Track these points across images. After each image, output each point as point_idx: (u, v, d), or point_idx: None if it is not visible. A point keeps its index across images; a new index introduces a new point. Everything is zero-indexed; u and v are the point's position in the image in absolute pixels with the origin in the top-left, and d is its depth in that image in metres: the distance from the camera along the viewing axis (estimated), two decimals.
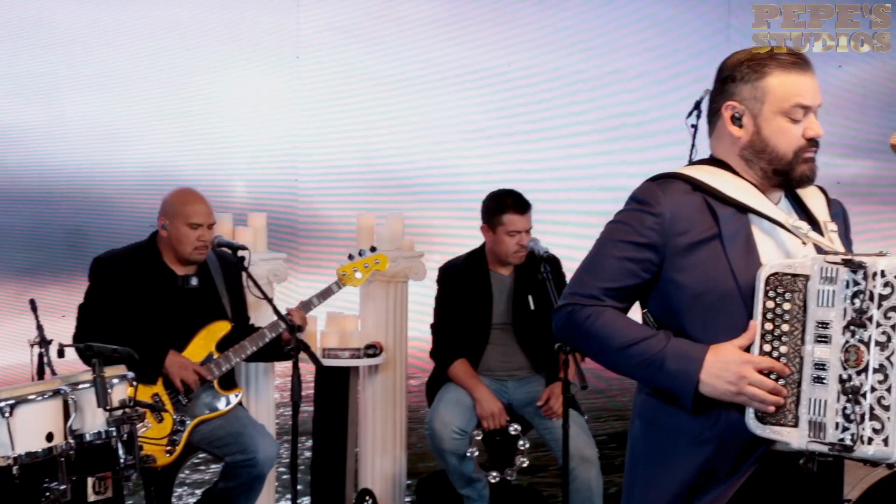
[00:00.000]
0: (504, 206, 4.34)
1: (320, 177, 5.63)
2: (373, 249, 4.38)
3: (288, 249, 5.38)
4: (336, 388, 4.65)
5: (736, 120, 2.18)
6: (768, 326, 2.02)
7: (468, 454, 4.29)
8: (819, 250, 2.12)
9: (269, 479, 4.36)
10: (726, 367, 2.03)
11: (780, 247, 2.14)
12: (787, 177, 2.17)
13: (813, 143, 2.15)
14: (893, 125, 4.97)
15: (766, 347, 2.02)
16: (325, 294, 4.26)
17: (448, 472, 4.35)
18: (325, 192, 5.62)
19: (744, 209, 2.15)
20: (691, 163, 2.32)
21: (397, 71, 5.55)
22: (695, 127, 4.96)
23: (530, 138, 5.61)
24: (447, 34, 5.52)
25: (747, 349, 2.04)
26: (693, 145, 4.92)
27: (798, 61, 2.16)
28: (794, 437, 1.98)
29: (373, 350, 4.56)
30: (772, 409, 2.00)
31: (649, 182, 2.22)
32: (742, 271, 2.09)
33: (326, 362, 4.40)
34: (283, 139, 5.63)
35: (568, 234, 5.30)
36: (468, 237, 4.87)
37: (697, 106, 5.01)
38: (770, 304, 2.01)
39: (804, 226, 2.14)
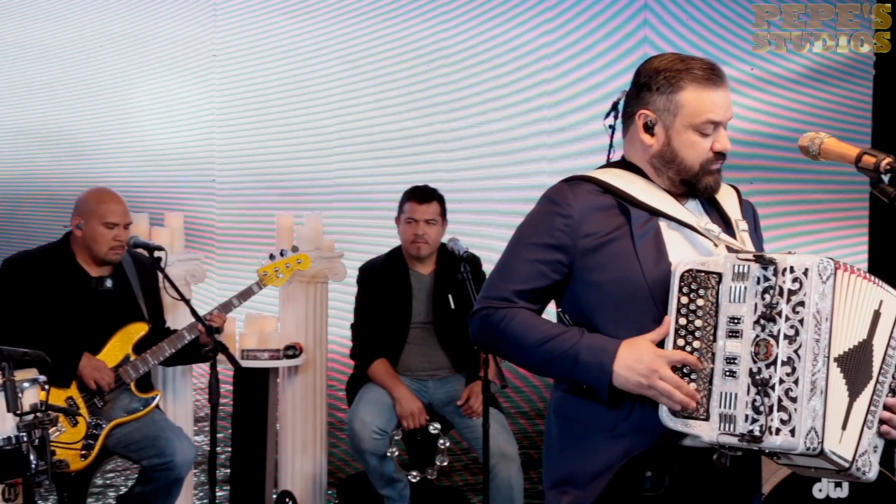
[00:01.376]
0: (407, 195, 4.40)
1: (238, 176, 5.58)
2: (294, 249, 4.36)
3: (205, 250, 5.32)
4: (255, 389, 4.62)
5: (648, 128, 2.22)
6: (682, 322, 2.05)
7: (388, 454, 4.29)
8: (730, 250, 2.15)
9: (187, 482, 4.31)
10: (639, 360, 2.05)
11: (692, 247, 2.18)
12: (693, 187, 2.21)
13: (720, 156, 2.19)
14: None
15: (680, 342, 2.05)
16: (245, 294, 4.23)
17: (368, 473, 4.34)
18: (244, 192, 5.57)
19: (654, 213, 2.19)
20: (604, 165, 2.35)
21: (314, 72, 5.52)
22: (612, 128, 5.02)
23: (449, 136, 5.62)
24: (366, 35, 5.51)
25: (661, 344, 2.07)
26: (611, 146, 4.98)
27: (712, 76, 2.19)
28: (706, 431, 2.01)
29: (292, 351, 4.53)
30: (678, 407, 2.02)
31: (561, 183, 2.25)
32: (651, 270, 2.12)
33: (245, 364, 4.36)
34: (200, 139, 5.56)
35: (488, 234, 5.33)
36: (387, 238, 4.87)
37: (615, 107, 5.06)
38: (684, 301, 2.05)
39: (715, 228, 2.18)
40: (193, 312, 3.90)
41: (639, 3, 5.63)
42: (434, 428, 4.35)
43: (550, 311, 2.26)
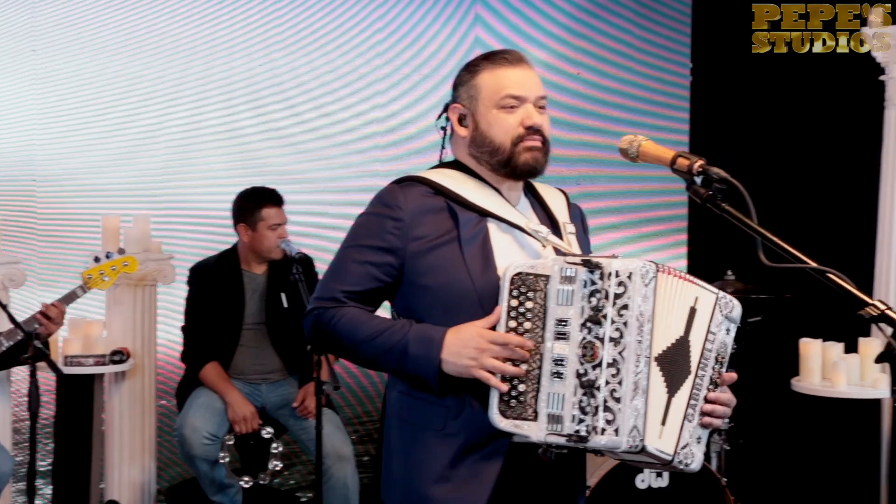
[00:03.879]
0: (263, 200, 4.34)
1: (61, 176, 5.38)
2: (121, 252, 4.23)
3: (26, 252, 5.11)
4: (79, 396, 4.48)
5: (462, 120, 2.29)
6: (512, 324, 2.08)
7: (220, 460, 4.22)
8: (558, 252, 2.19)
9: (6, 494, 4.13)
10: (466, 343, 2.08)
11: (520, 249, 2.21)
12: (511, 167, 2.24)
13: (533, 131, 2.23)
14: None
15: None
16: (68, 298, 4.08)
17: (199, 479, 4.27)
18: (67, 192, 5.37)
19: (483, 213, 2.21)
20: (437, 165, 2.37)
21: (141, 68, 5.38)
22: (444, 128, 5.08)
23: (280, 134, 5.56)
24: (194, 30, 5.41)
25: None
26: (443, 147, 5.05)
27: (507, 57, 2.26)
28: (534, 431, 2.05)
29: (119, 356, 4.41)
30: (505, 387, 2.05)
31: (393, 185, 2.27)
32: (478, 274, 2.15)
33: (68, 370, 4.22)
34: (19, 136, 5.34)
35: (321, 235, 5.31)
36: (218, 238, 4.79)
37: (447, 109, 5.14)
38: (514, 303, 2.08)
39: (543, 229, 2.22)
40: (11, 318, 3.74)
41: (469, 2, 5.71)
42: (267, 432, 4.31)
43: None
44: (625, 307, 2.02)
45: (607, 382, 2.01)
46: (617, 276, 2.02)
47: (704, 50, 6.31)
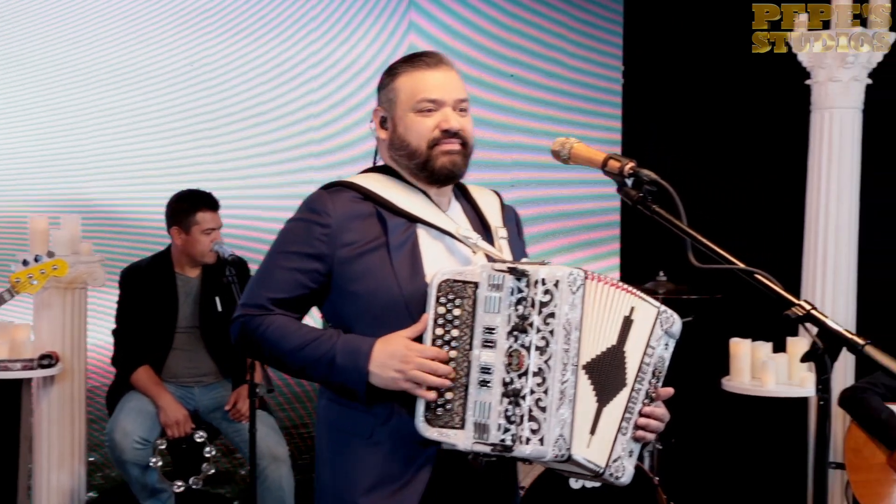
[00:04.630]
0: (197, 204, 4.29)
1: None
2: (50, 255, 4.16)
3: None
4: (7, 401, 4.39)
5: (383, 123, 2.26)
6: (439, 332, 2.06)
7: (151, 464, 4.17)
8: (489, 258, 2.18)
9: None
10: (392, 354, 2.06)
11: (450, 255, 2.19)
12: (428, 171, 2.21)
13: (451, 135, 2.20)
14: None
15: None
16: None
17: (130, 485, 4.21)
18: None
19: (412, 219, 2.19)
20: (367, 170, 2.35)
21: (71, 72, 5.29)
22: None
23: (213, 135, 5.51)
24: (127, 39, 5.33)
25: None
26: (377, 151, 5.04)
27: (426, 59, 2.24)
28: (461, 439, 2.04)
29: (48, 360, 4.33)
30: (432, 395, 2.04)
31: (321, 190, 2.24)
32: (406, 281, 2.13)
33: None
34: None
35: (254, 238, 5.26)
36: (150, 240, 4.73)
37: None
38: (441, 310, 2.06)
39: (473, 235, 2.21)
40: None
41: (403, 6, 5.71)
42: (200, 436, 4.27)
43: None
44: (551, 315, 2.00)
45: (532, 391, 1.99)
46: (543, 283, 2.00)
47: (636, 51, 6.38)
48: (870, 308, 4.98)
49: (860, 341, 1.73)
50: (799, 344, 4.56)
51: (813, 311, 1.78)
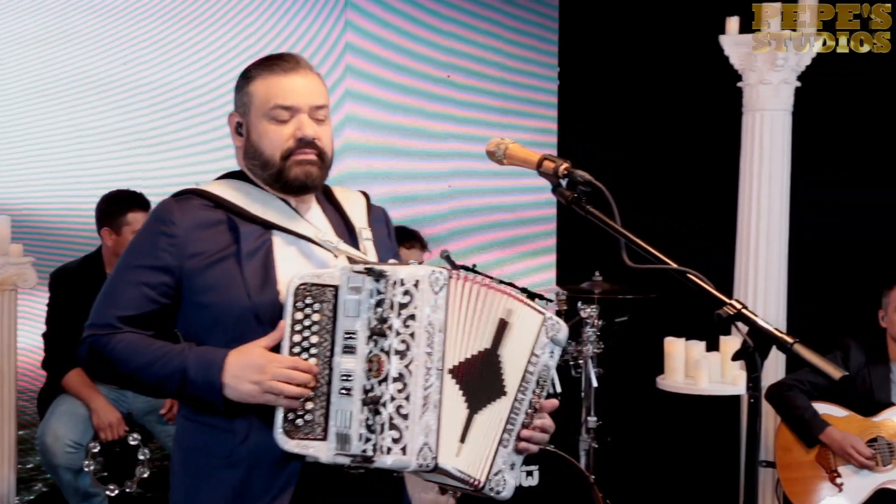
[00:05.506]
0: (128, 204, 4.25)
1: None
2: None
3: None
4: None
5: (238, 129, 2.16)
6: (297, 339, 1.96)
7: (84, 468, 4.11)
8: (352, 261, 2.09)
9: None
10: (248, 365, 1.96)
11: (308, 262, 2.09)
12: (282, 182, 2.11)
13: (305, 143, 2.09)
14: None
15: None
16: None
17: (62, 489, 4.15)
18: None
19: (268, 226, 2.09)
20: (220, 176, 2.23)
21: (4, 64, 5.20)
22: None
23: (145, 136, 5.43)
24: (62, 29, 5.25)
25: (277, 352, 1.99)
26: None
27: (282, 63, 2.12)
28: (322, 451, 1.94)
29: None
30: (295, 403, 1.95)
31: (170, 199, 2.14)
32: (257, 291, 2.03)
33: None
34: None
35: None
36: (81, 241, 4.66)
37: None
38: (299, 316, 1.96)
39: (334, 238, 2.12)
40: None
41: (341, 5, 5.69)
42: (134, 439, 4.21)
43: None
44: (411, 317, 1.91)
45: (393, 398, 1.90)
46: (402, 284, 1.91)
47: (571, 53, 6.43)
48: (800, 306, 5.08)
49: (789, 340, 1.76)
50: (732, 343, 4.63)
51: (743, 311, 1.80)
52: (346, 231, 2.19)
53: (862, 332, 4.37)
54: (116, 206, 4.26)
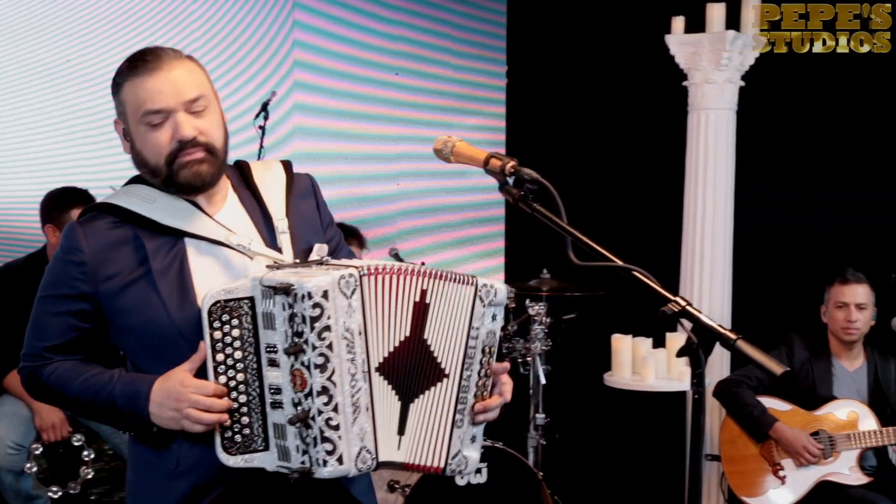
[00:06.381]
0: (72, 201, 4.19)
1: None
2: None
3: None
4: None
5: (126, 136, 2.07)
6: (220, 357, 1.92)
7: (26, 470, 4.05)
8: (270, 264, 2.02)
9: None
10: (168, 394, 1.93)
11: (225, 269, 2.03)
12: (175, 186, 2.02)
13: (189, 143, 1.99)
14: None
15: (222, 379, 1.93)
16: None
17: (3, 491, 4.08)
18: None
19: (179, 234, 2.02)
20: (127, 182, 2.13)
21: None
22: (262, 129, 5.01)
23: (88, 131, 5.37)
24: (4, 27, 5.17)
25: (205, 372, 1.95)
26: (262, 146, 4.98)
27: (141, 63, 2.00)
28: (267, 462, 1.94)
29: None
30: (226, 419, 1.93)
31: (74, 223, 2.05)
32: (176, 309, 1.97)
33: None
34: None
35: None
36: (26, 239, 4.59)
37: (265, 107, 5.06)
38: (217, 335, 1.91)
39: (247, 238, 2.04)
40: None
41: (290, 5, 5.65)
42: (77, 439, 4.16)
43: None
44: (326, 329, 1.86)
45: (320, 412, 1.87)
46: (310, 297, 1.84)
47: (520, 51, 6.45)
48: (744, 303, 5.15)
49: (732, 336, 1.77)
50: (677, 339, 4.67)
51: (688, 307, 1.81)
52: (264, 221, 2.10)
53: (805, 327, 4.44)
54: (60, 202, 4.19)
